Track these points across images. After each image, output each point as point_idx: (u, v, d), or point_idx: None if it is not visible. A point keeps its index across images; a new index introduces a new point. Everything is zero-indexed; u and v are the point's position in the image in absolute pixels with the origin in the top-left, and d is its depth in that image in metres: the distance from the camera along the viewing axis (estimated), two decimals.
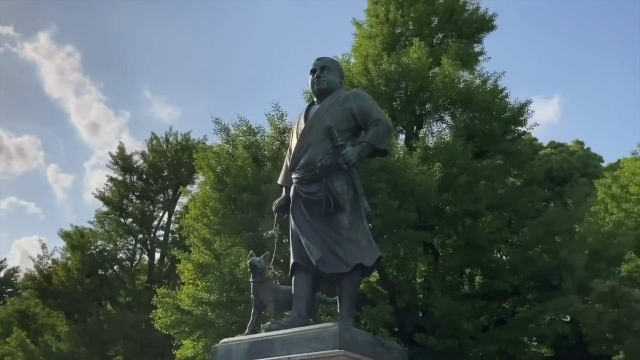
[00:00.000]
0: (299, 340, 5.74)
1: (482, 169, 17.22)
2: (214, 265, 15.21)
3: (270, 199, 15.39)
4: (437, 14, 22.00)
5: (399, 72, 18.37)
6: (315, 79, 6.76)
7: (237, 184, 15.64)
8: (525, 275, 16.76)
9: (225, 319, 15.11)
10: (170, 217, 33.36)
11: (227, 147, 17.34)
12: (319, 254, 6.16)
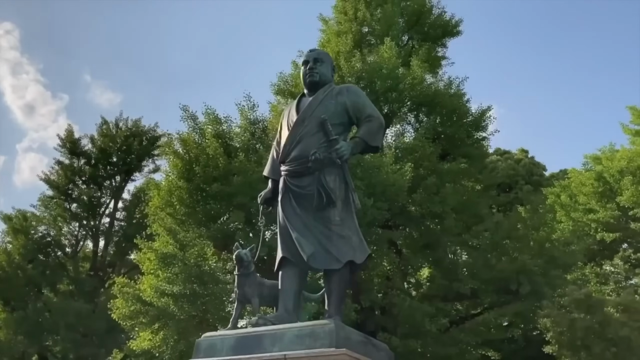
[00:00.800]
0: (291, 336, 5.56)
1: (448, 172, 17.48)
2: (179, 256, 14.79)
3: (240, 191, 15.21)
4: (404, 16, 22.21)
5: (369, 70, 18.40)
6: (308, 70, 6.63)
7: (206, 174, 15.25)
8: (484, 278, 17.08)
9: (186, 311, 14.73)
10: (116, 205, 32.45)
11: (194, 135, 16.91)
12: (311, 249, 6.02)
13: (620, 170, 22.31)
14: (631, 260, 22.67)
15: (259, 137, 16.77)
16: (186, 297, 14.74)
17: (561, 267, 17.83)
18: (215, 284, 14.68)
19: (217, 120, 17.04)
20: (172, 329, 14.60)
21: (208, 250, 14.78)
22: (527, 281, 17.01)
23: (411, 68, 19.07)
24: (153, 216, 15.64)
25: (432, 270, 17.93)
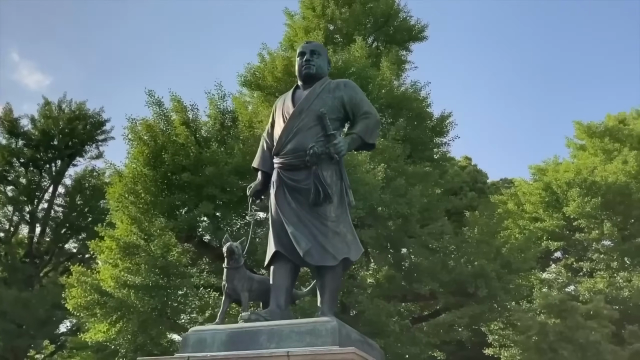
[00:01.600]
0: (290, 333, 5.41)
1: (413, 174, 17.70)
2: (142, 247, 14.27)
3: (211, 182, 14.85)
4: (372, 17, 22.36)
5: (340, 68, 18.40)
6: (304, 62, 6.53)
7: (175, 163, 14.79)
8: (443, 280, 17.40)
9: (148, 304, 14.23)
10: (55, 190, 31.07)
11: (159, 122, 16.36)
12: (308, 245, 5.92)
13: (568, 182, 23.30)
14: (573, 267, 23.72)
15: (228, 127, 16.41)
16: (148, 289, 14.25)
17: (515, 272, 18.43)
18: (181, 277, 14.25)
19: (183, 108, 16.58)
20: (134, 321, 14.06)
21: (173, 242, 14.33)
22: (484, 285, 17.50)
23: (381, 69, 19.22)
24: (117, 203, 15.00)
25: (392, 270, 18.08)
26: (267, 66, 19.58)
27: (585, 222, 22.84)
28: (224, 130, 16.11)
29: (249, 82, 19.47)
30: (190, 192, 14.88)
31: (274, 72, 19.13)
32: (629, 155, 23.40)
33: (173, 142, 15.30)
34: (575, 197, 22.62)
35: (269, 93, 19.29)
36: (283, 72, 19.16)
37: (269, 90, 19.28)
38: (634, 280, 20.21)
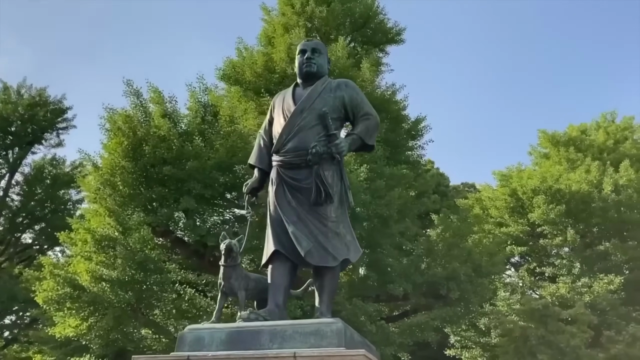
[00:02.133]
0: (293, 333, 5.33)
1: (391, 176, 17.80)
2: (120, 240, 13.87)
3: (193, 176, 14.57)
4: (351, 17, 22.35)
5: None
6: (305, 60, 6.50)
7: (157, 155, 14.44)
8: (416, 282, 17.57)
9: (124, 299, 13.86)
10: (12, 178, 29.95)
11: (137, 113, 15.95)
12: (309, 245, 5.88)
13: (534, 189, 23.90)
14: (535, 272, 24.37)
15: (209, 122, 16.14)
16: (124, 284, 13.88)
17: (485, 276, 18.78)
18: (158, 272, 13.91)
19: (162, 99, 16.24)
20: (109, 316, 13.68)
21: (150, 236, 13.99)
22: (456, 287, 17.77)
23: (361, 70, 19.25)
24: (94, 195, 14.55)
25: (368, 271, 18.17)
26: (247, 61, 19.38)
27: (549, 228, 23.49)
28: (205, 124, 15.83)
29: (228, 77, 19.23)
30: (170, 186, 14.57)
31: (253, 67, 18.94)
32: (592, 165, 24.18)
33: (154, 134, 14.94)
34: (540, 204, 23.22)
35: (247, 88, 19.10)
36: (263, 68, 19.01)
37: (248, 86, 19.09)
38: (594, 286, 20.88)
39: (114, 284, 13.74)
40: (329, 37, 21.61)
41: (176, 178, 14.42)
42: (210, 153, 14.43)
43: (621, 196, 22.99)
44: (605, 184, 23.32)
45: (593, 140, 26.94)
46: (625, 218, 23.09)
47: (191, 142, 14.71)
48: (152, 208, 14.55)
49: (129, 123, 15.29)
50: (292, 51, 19.02)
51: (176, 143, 14.39)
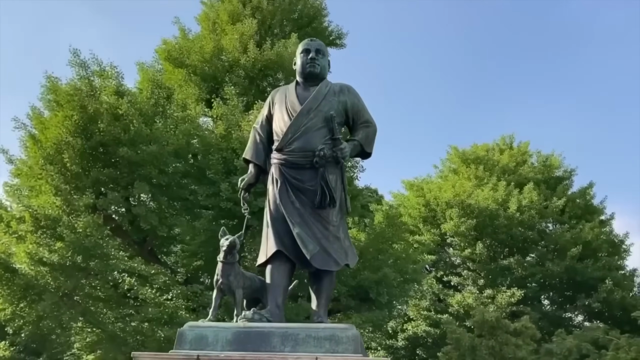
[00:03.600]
0: (306, 337, 5.29)
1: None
2: (65, 222, 12.78)
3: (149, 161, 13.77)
4: (297, 14, 22.24)
5: (276, 60, 18.16)
6: (309, 60, 6.48)
7: (111, 135, 13.48)
8: (350, 285, 17.84)
9: (62, 284, 12.82)
10: None
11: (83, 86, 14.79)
12: (315, 248, 5.89)
13: (447, 202, 25.14)
14: (442, 281, 25.64)
15: (163, 105, 15.33)
16: (65, 269, 12.85)
17: (410, 282, 19.46)
18: (100, 259, 12.99)
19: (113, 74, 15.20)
20: (46, 302, 12.56)
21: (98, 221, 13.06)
22: (384, 292, 18.28)
23: None
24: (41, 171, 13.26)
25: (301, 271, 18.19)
26: (195, 44, 18.65)
27: (459, 240, 24.83)
28: (159, 106, 15.03)
29: (173, 58, 18.41)
30: (123, 169, 13.66)
31: (202, 52, 18.28)
32: (500, 184, 25.87)
33: (107, 111, 13.92)
34: (453, 216, 24.47)
35: (193, 72, 18.39)
36: (212, 54, 18.40)
37: (193, 70, 18.39)
38: (497, 297, 22.40)
39: (54, 268, 12.67)
40: (273, 31, 21.38)
41: (130, 161, 13.55)
42: (168, 138, 13.73)
43: (524, 216, 24.81)
44: (511, 203, 25.04)
45: (497, 161, 28.80)
46: (526, 236, 24.95)
47: (150, 124, 13.90)
48: (101, 191, 13.55)
49: (78, 96, 14.14)
50: (244, 40, 18.64)
51: (135, 124, 13.49)
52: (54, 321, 13.14)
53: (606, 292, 22.92)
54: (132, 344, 14.21)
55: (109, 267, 13.20)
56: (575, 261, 23.79)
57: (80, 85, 14.58)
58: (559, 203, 25.93)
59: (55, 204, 13.00)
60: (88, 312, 13.71)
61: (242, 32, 18.75)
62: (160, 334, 13.90)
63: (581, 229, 24.98)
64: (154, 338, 13.95)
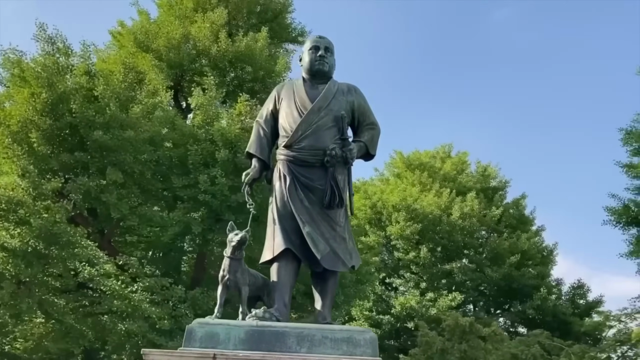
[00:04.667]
0: (322, 339, 5.28)
1: None
2: (29, 206, 11.99)
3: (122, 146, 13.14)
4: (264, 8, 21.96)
5: (246, 53, 17.88)
6: (318, 57, 6.48)
7: (84, 117, 12.77)
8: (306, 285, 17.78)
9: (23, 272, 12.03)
10: None
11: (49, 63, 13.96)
12: (326, 249, 5.89)
13: (394, 205, 25.60)
14: (385, 283, 26.07)
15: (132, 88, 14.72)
16: (27, 256, 12.08)
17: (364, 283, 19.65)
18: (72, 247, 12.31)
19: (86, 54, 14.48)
20: (4, 291, 11.74)
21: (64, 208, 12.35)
22: (341, 292, 18.39)
23: (278, 63, 19.06)
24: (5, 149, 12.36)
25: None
26: (162, 29, 18.02)
27: (403, 243, 25.32)
28: (132, 91, 14.40)
29: (140, 42, 17.72)
30: (94, 153, 12.98)
31: (170, 38, 17.70)
32: (444, 192, 26.65)
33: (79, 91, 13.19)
34: (400, 220, 24.94)
35: (158, 58, 17.76)
36: (179, 40, 17.86)
37: (159, 56, 17.77)
38: (439, 301, 23.06)
39: (16, 254, 11.86)
40: (238, 23, 21.02)
41: (103, 146, 12.90)
42: (144, 124, 13.18)
43: (465, 223, 25.66)
44: (453, 210, 25.83)
45: (439, 168, 29.64)
46: (467, 242, 25.81)
47: (127, 108, 13.28)
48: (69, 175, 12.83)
49: (46, 73, 13.32)
50: (214, 29, 18.20)
51: (112, 107, 12.84)
52: (10, 310, 12.30)
53: (540, 300, 24.07)
54: (90, 337, 13.61)
55: (74, 256, 12.50)
56: (512, 269, 24.83)
57: (46, 62, 13.76)
58: (497, 212, 27.00)
59: (21, 186, 12.16)
60: (45, 302, 12.94)
61: (212, 20, 18.32)
62: (121, 327, 13.36)
63: (518, 238, 26.11)
64: (115, 331, 13.40)
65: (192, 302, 13.96)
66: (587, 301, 26.49)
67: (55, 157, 12.78)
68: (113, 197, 12.74)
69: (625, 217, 19.07)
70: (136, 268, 13.04)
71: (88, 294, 13.83)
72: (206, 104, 14.26)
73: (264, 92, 18.33)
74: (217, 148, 13.25)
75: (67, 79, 13.45)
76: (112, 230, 14.50)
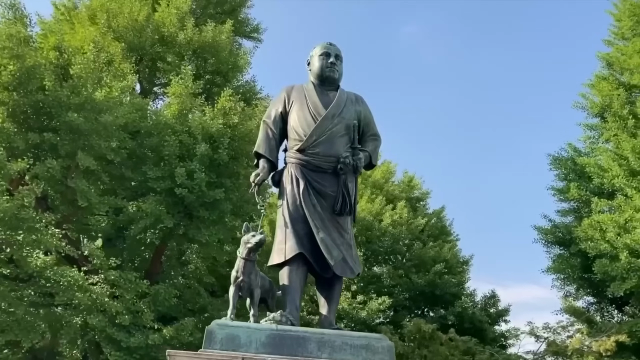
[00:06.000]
0: (342, 344, 5.45)
1: None
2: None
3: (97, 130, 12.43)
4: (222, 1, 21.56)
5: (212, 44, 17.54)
6: (329, 64, 6.61)
7: (56, 96, 11.99)
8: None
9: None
10: None
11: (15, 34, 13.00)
12: (340, 255, 6.04)
13: None
14: None
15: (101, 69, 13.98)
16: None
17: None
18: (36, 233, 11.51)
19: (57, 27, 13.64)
20: None
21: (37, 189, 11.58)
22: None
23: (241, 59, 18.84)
24: None
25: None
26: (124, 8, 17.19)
27: None
28: (102, 72, 13.68)
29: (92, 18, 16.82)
30: (65, 136, 12.21)
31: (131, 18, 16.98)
32: (378, 198, 27.29)
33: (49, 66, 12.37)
34: None
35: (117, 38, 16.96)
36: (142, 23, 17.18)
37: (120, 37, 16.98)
38: (369, 303, 23.62)
39: None
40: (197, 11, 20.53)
41: (75, 128, 12.16)
42: (122, 109, 12.59)
43: (395, 230, 26.45)
44: (385, 217, 26.54)
45: (369, 175, 30.29)
46: (395, 248, 26.62)
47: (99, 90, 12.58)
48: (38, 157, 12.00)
49: (11, 43, 12.37)
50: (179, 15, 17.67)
51: (89, 89, 12.14)
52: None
53: (461, 307, 25.30)
54: (43, 330, 12.84)
55: (37, 243, 11.70)
56: (436, 277, 25.89)
57: (11, 31, 12.80)
58: (422, 222, 28.05)
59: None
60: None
61: (177, 6, 17.76)
62: (77, 320, 12.71)
63: (441, 248, 27.27)
64: (70, 325, 12.72)
65: (153, 298, 13.50)
66: (497, 309, 28.17)
67: (23, 136, 11.90)
68: (83, 184, 12.05)
69: (552, 236, 20.60)
70: (100, 260, 12.43)
71: (40, 284, 13.00)
72: (184, 94, 13.81)
73: (225, 87, 18.04)
74: (197, 142, 12.91)
75: (36, 53, 12.58)
76: (70, 217, 13.70)
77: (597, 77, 21.11)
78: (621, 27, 22.84)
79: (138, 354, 12.92)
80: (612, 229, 16.54)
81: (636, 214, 16.12)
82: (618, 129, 18.23)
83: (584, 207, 19.26)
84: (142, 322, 12.97)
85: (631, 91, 19.88)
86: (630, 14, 22.47)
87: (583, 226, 17.82)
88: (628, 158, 17.08)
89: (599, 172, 18.22)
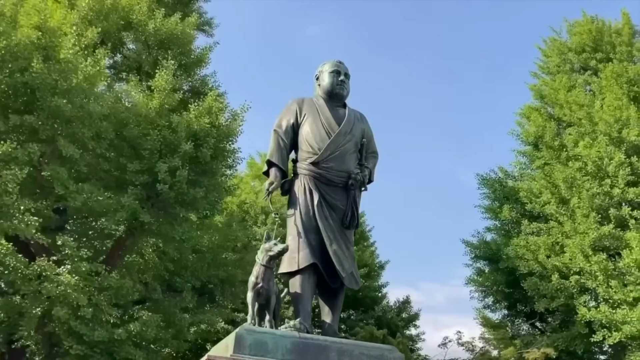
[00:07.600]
0: (359, 355, 5.71)
1: None
2: None
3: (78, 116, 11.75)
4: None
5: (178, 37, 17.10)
6: (339, 82, 6.89)
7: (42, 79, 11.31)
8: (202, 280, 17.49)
9: None
10: None
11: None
12: (351, 268, 6.34)
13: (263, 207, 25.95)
14: None
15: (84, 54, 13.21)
16: None
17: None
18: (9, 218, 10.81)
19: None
20: None
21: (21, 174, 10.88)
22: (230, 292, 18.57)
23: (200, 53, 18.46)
24: None
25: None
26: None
27: None
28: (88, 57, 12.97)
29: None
30: (46, 120, 11.55)
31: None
32: None
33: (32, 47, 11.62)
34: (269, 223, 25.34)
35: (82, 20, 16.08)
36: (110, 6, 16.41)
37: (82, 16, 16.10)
38: None
39: None
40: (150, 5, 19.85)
41: (59, 114, 11.53)
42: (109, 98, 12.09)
43: None
44: None
45: None
46: None
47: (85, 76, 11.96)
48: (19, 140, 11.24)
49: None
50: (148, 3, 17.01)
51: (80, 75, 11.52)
52: None
53: (382, 312, 26.30)
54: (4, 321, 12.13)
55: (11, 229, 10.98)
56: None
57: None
58: None
59: None
60: None
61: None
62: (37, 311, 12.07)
63: (362, 252, 28.13)
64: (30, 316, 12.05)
65: (116, 291, 13.06)
66: (409, 314, 29.57)
67: (2, 117, 11.12)
68: (63, 172, 11.48)
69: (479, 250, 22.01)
70: (72, 250, 11.91)
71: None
72: (169, 89, 13.44)
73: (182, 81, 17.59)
74: (181, 138, 12.66)
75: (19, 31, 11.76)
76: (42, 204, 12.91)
77: (529, 108, 22.83)
78: (548, 62, 24.83)
79: (99, 348, 12.51)
80: (543, 250, 18.02)
81: (566, 239, 17.66)
82: (551, 158, 19.79)
83: (514, 228, 20.72)
84: (102, 315, 12.55)
85: (559, 124, 21.65)
86: (558, 51, 24.48)
87: (513, 245, 19.25)
88: (559, 186, 18.65)
89: (531, 197, 19.72)
